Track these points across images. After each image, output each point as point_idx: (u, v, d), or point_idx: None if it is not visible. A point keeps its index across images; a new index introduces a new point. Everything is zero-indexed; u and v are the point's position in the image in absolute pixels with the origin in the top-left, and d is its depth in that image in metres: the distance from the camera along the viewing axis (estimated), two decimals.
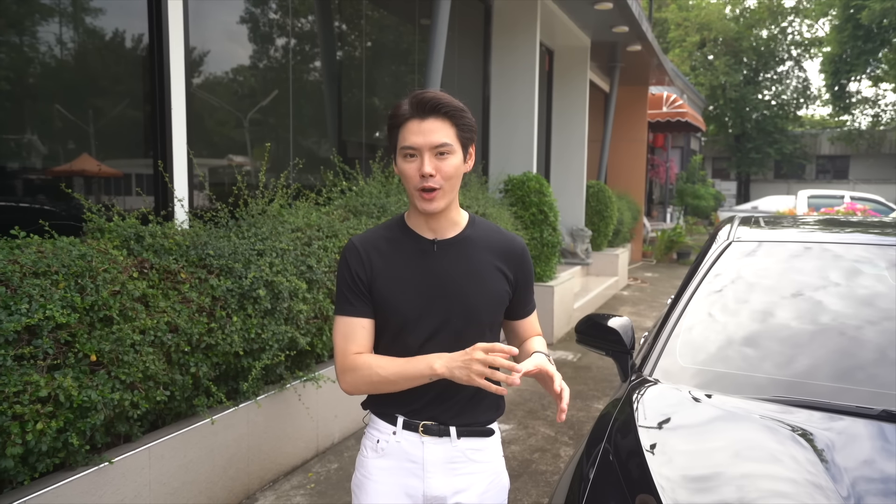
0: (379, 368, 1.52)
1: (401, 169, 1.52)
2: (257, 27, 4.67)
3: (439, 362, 1.45)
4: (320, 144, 5.29)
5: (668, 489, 1.42)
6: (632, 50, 10.59)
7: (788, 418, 1.70)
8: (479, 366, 1.38)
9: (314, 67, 5.25)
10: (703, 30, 28.61)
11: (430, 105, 1.47)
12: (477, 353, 1.39)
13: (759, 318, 2.19)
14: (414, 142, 1.47)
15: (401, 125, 1.50)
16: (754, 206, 18.88)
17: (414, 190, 1.50)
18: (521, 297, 1.66)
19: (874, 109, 29.69)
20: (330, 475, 3.63)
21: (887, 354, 1.91)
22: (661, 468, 1.51)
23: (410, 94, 1.51)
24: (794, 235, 2.64)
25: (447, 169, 1.48)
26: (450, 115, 1.49)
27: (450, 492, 1.60)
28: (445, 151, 1.47)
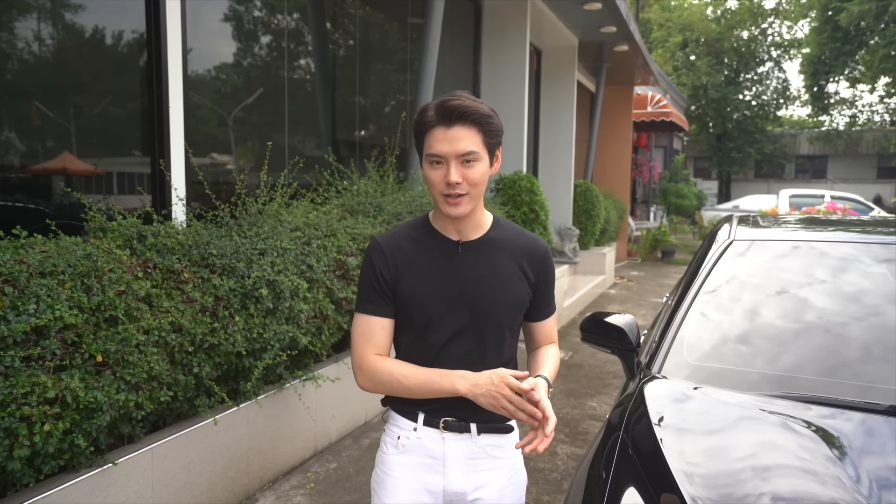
0: (402, 377, 1.54)
1: (427, 175, 1.52)
2: (251, 26, 4.64)
3: (463, 384, 1.48)
4: (314, 144, 5.27)
5: (687, 484, 1.45)
6: (619, 50, 10.68)
7: (800, 414, 1.73)
8: (506, 402, 1.43)
9: (308, 67, 5.23)
10: (686, 30, 28.88)
11: (456, 112, 1.45)
12: (504, 389, 1.44)
13: (765, 315, 2.23)
14: (440, 150, 1.46)
15: (426, 131, 1.49)
16: (735, 206, 19.11)
17: (439, 195, 1.51)
18: (542, 298, 1.68)
19: (852, 110, 30.21)
20: (329, 475, 3.63)
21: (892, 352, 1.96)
22: (680, 463, 1.53)
23: (437, 99, 1.50)
24: (793, 234, 2.70)
25: (473, 176, 1.48)
26: (476, 121, 1.47)
27: (470, 488, 1.61)
28: (472, 159, 1.47)
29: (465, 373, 1.51)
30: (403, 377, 1.53)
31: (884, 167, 31.40)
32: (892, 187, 30.22)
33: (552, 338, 1.75)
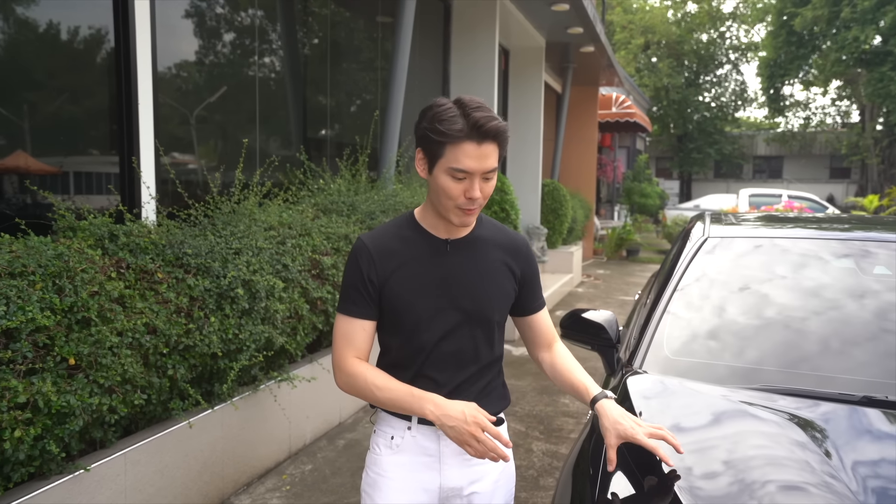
0: (375, 388, 1.52)
1: (443, 185, 1.47)
2: (219, 25, 4.56)
3: (432, 410, 1.46)
4: (285, 143, 5.21)
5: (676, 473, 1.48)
6: (585, 51, 10.80)
7: (777, 405, 1.78)
8: (473, 441, 1.42)
9: (277, 66, 5.17)
10: (648, 33, 29.39)
11: (491, 132, 1.43)
12: (476, 429, 1.42)
13: (741, 309, 2.29)
14: (469, 166, 1.44)
15: (451, 143, 1.44)
16: (696, 205, 19.51)
17: (454, 207, 1.49)
18: (531, 291, 1.69)
19: (806, 112, 31.12)
20: (304, 476, 3.59)
21: (869, 344, 2.03)
22: (668, 454, 1.57)
23: (464, 109, 1.43)
24: (764, 231, 2.77)
25: (489, 190, 1.50)
26: (501, 139, 1.47)
27: (465, 482, 1.62)
28: (492, 175, 1.49)
29: (436, 399, 1.49)
30: (377, 388, 1.52)
31: (836, 167, 32.45)
32: (844, 187, 31.25)
33: (553, 332, 1.75)
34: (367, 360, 1.64)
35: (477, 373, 1.62)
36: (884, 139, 26.50)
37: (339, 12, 6.04)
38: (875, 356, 2.03)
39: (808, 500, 1.38)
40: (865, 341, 2.10)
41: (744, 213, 3.55)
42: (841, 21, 24.08)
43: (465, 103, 1.45)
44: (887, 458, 1.58)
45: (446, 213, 1.52)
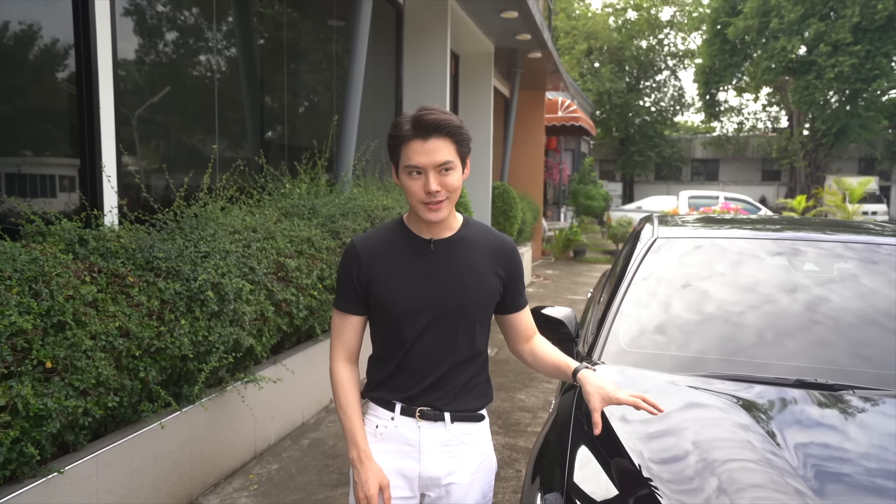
0: (339, 395, 1.74)
1: (405, 185, 1.62)
2: (179, 31, 4.56)
3: (354, 455, 1.69)
4: (244, 147, 5.22)
5: (636, 451, 1.66)
6: (532, 57, 11.09)
7: (722, 389, 1.98)
8: (364, 500, 1.64)
9: (235, 70, 5.18)
10: (590, 38, 30.17)
11: (432, 126, 1.56)
12: (371, 502, 1.64)
13: (690, 303, 2.50)
14: (419, 161, 1.57)
15: (402, 144, 1.59)
16: (639, 206, 20.18)
17: (419, 203, 1.61)
18: (514, 291, 1.81)
19: (739, 117, 32.51)
20: (271, 476, 3.65)
21: (801, 333, 2.26)
22: (628, 434, 1.74)
23: (410, 113, 1.60)
24: (708, 231, 3.00)
25: (451, 183, 1.60)
26: (450, 133, 1.59)
27: (444, 472, 1.74)
28: (448, 167, 1.59)
29: (363, 451, 1.68)
30: (339, 406, 1.73)
31: (768, 170, 34.02)
32: (775, 189, 32.79)
33: (533, 328, 1.88)
34: (357, 354, 1.76)
35: (457, 367, 1.73)
36: (809, 143, 27.96)
37: (294, 17, 6.08)
38: (806, 344, 2.27)
39: (753, 475, 1.57)
40: (797, 331, 2.34)
41: (688, 215, 3.80)
42: (770, 31, 25.30)
43: (416, 109, 1.61)
44: (821, 435, 1.79)
45: (417, 211, 1.65)
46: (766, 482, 1.54)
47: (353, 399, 1.73)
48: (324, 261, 4.20)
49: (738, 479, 1.55)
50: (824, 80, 23.85)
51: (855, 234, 2.87)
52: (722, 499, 1.47)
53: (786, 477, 1.54)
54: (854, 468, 1.64)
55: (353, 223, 4.66)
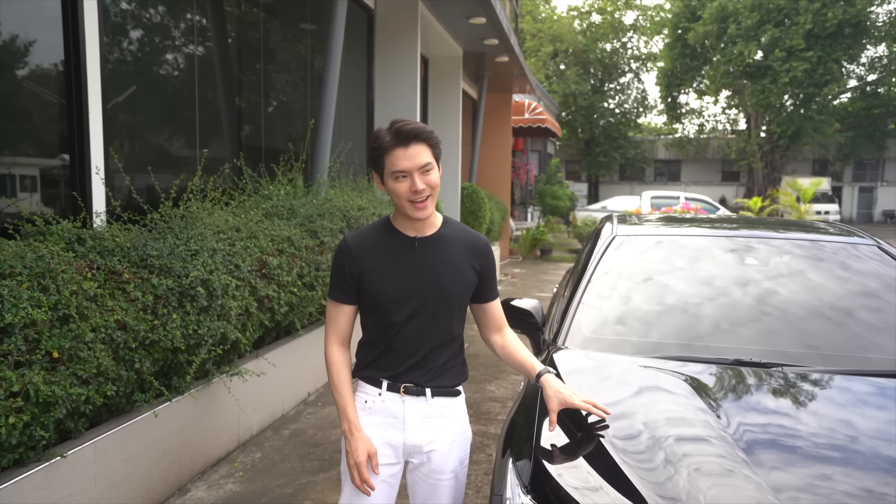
0: (332, 376, 1.95)
1: (392, 188, 1.84)
2: (160, 37, 4.69)
3: (346, 427, 1.90)
4: (224, 150, 5.37)
5: (594, 418, 1.91)
6: (500, 60, 11.38)
7: (669, 367, 2.25)
8: (354, 470, 1.87)
9: (213, 74, 5.32)
10: (556, 41, 30.70)
11: (411, 134, 1.80)
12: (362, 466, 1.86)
13: (645, 294, 2.77)
14: (404, 166, 1.80)
15: (386, 154, 1.82)
16: (603, 206, 20.67)
17: (407, 203, 1.84)
18: (488, 283, 2.04)
19: (700, 119, 33.45)
20: (255, 463, 3.83)
21: (742, 320, 2.55)
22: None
23: (387, 125, 1.84)
24: (663, 229, 3.29)
25: (433, 180, 1.85)
26: (426, 139, 1.83)
27: (425, 441, 1.97)
28: (429, 168, 1.83)
29: (355, 424, 1.90)
30: (333, 385, 1.95)
31: (727, 171, 35.05)
32: (734, 189, 33.80)
33: (503, 319, 2.11)
34: (349, 338, 1.98)
35: (437, 349, 1.97)
36: (766, 145, 28.93)
37: (267, 20, 6.23)
38: (747, 330, 2.56)
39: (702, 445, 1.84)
40: (740, 318, 2.63)
41: (646, 215, 4.09)
42: (728, 37, 26.13)
43: (392, 122, 1.85)
44: (756, 405, 2.08)
45: (404, 210, 1.87)
46: (698, 434, 1.81)
47: (345, 378, 1.95)
48: (303, 259, 4.39)
49: (680, 434, 1.82)
50: (779, 85, 24.74)
51: (797, 232, 3.20)
52: (664, 451, 1.73)
53: (722, 441, 1.80)
54: (784, 435, 1.91)
55: (330, 223, 4.85)
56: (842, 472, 1.73)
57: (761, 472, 1.66)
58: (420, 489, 2.03)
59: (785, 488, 1.61)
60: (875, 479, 1.68)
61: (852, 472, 1.72)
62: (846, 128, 29.96)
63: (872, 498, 1.61)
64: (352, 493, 1.96)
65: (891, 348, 2.44)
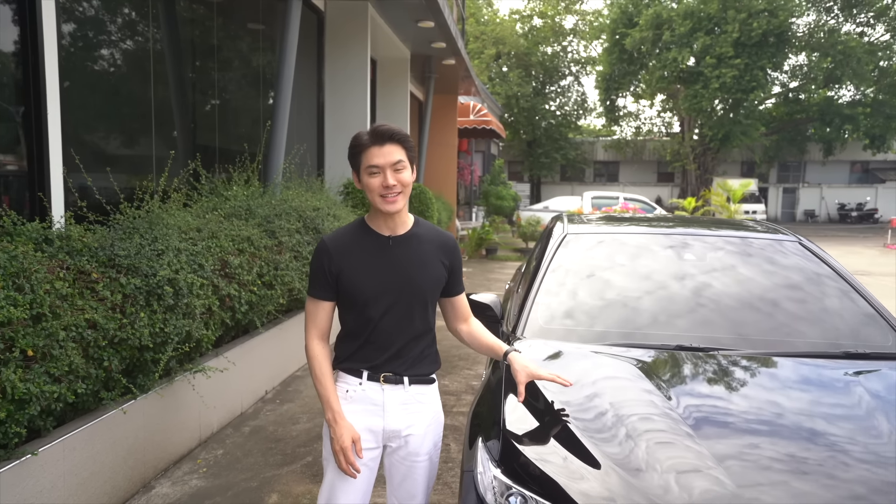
0: (314, 369, 2.08)
1: (366, 182, 2.01)
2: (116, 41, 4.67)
3: (329, 416, 2.02)
4: (179, 151, 5.36)
5: (552, 396, 2.12)
6: (446, 63, 11.59)
7: (619, 352, 2.48)
8: (340, 455, 1.99)
9: (168, 77, 5.31)
10: (499, 44, 31.19)
11: (386, 134, 1.98)
12: (347, 451, 1.98)
13: (595, 287, 3.01)
14: (377, 162, 1.97)
15: (362, 151, 1.99)
16: (546, 206, 21.16)
17: (378, 197, 2.00)
18: (455, 279, 2.21)
19: (637, 122, 34.57)
20: (218, 460, 3.89)
21: (682, 309, 2.81)
22: (546, 385, 2.20)
23: (368, 128, 2.01)
24: (610, 228, 3.55)
25: (404, 178, 2.00)
26: (400, 140, 2.00)
27: (403, 426, 2.12)
28: (401, 167, 1.99)
29: (338, 413, 2.03)
30: (315, 377, 2.08)
31: (662, 172, 36.36)
32: (669, 189, 35.09)
33: (468, 310, 2.28)
34: (328, 333, 2.12)
35: (412, 341, 2.12)
36: (699, 148, 30.19)
37: (220, 21, 6.23)
38: (687, 318, 2.82)
39: (638, 407, 2.06)
40: (680, 307, 2.89)
41: (593, 214, 4.35)
42: (663, 43, 27.15)
43: (371, 126, 2.02)
44: (697, 385, 2.32)
45: (376, 204, 2.03)
46: (647, 411, 2.04)
47: (326, 370, 2.09)
48: (262, 258, 4.47)
49: (632, 411, 2.04)
50: (710, 90, 25.86)
51: (728, 230, 3.50)
52: (620, 425, 1.95)
53: (668, 417, 2.03)
54: (722, 411, 2.15)
55: (287, 223, 4.93)
56: (769, 441, 1.98)
57: (704, 444, 1.89)
58: (397, 471, 2.18)
59: (724, 456, 1.84)
60: (798, 446, 1.94)
61: (778, 441, 1.97)
62: (771, 132, 31.56)
63: (794, 462, 1.86)
64: (334, 477, 2.10)
65: (811, 332, 2.74)
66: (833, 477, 1.79)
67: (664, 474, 1.77)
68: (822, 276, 3.03)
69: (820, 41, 27.84)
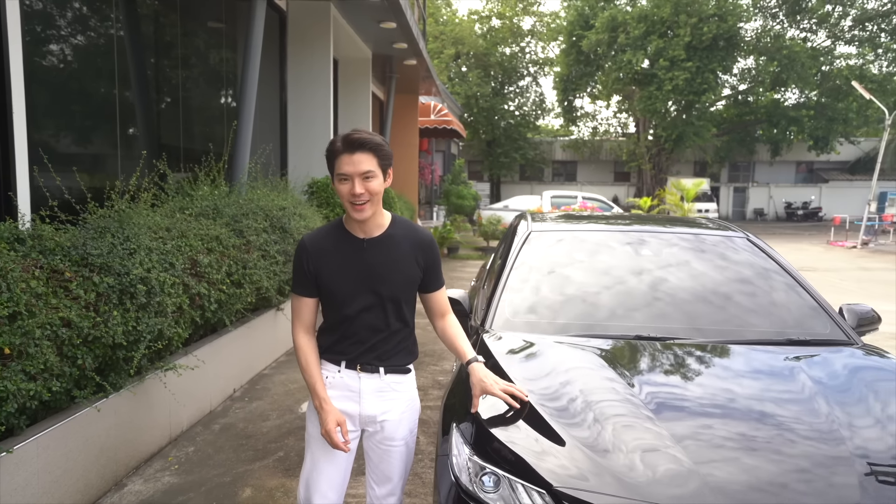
0: (300, 360, 2.20)
1: (338, 188, 2.10)
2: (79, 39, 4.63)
3: (316, 403, 2.15)
4: (146, 150, 5.33)
5: (519, 381, 2.25)
6: (408, 63, 11.67)
7: (582, 342, 2.64)
8: (328, 437, 2.11)
9: (132, 75, 5.28)
10: (458, 44, 31.39)
11: (357, 143, 2.06)
12: (333, 433, 2.10)
13: (559, 282, 3.16)
14: (346, 170, 2.05)
15: (335, 157, 2.08)
16: (506, 205, 21.40)
17: (347, 203, 2.09)
18: (432, 275, 2.30)
19: (594, 122, 35.22)
20: (190, 457, 3.92)
21: (640, 302, 2.98)
22: (515, 374, 2.34)
23: (343, 134, 2.09)
24: (572, 226, 3.71)
25: (373, 187, 2.08)
26: (372, 149, 2.08)
27: (378, 412, 2.23)
28: (370, 176, 2.07)
29: (324, 399, 2.14)
30: (302, 366, 2.19)
31: (619, 172, 37.11)
32: (626, 189, 35.85)
33: (447, 306, 2.38)
34: (314, 326, 2.22)
35: (388, 336, 2.22)
36: (654, 148, 30.95)
37: (184, 23, 6.21)
38: (644, 309, 3.00)
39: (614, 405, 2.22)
40: (637, 300, 3.06)
41: (555, 213, 4.52)
42: (618, 45, 27.74)
43: (348, 131, 2.11)
44: (656, 372, 2.49)
45: (347, 210, 2.13)
46: (611, 397, 2.20)
47: (312, 361, 2.18)
48: (231, 257, 4.50)
49: (597, 397, 2.19)
50: (663, 92, 26.55)
51: (682, 227, 3.70)
52: (585, 408, 2.10)
53: (629, 402, 2.19)
54: (679, 395, 2.32)
55: (254, 222, 4.97)
56: (722, 422, 2.15)
57: (663, 426, 2.05)
58: (374, 454, 2.29)
59: (682, 437, 2.00)
60: (748, 426, 2.11)
61: (730, 422, 2.14)
62: (722, 133, 32.56)
63: (745, 440, 2.03)
64: (314, 458, 2.21)
65: (759, 321, 2.95)
66: (780, 452, 1.96)
67: (629, 454, 1.92)
68: (767, 270, 3.25)
69: (767, 45, 28.87)
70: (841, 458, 1.92)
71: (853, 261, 15.86)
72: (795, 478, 1.85)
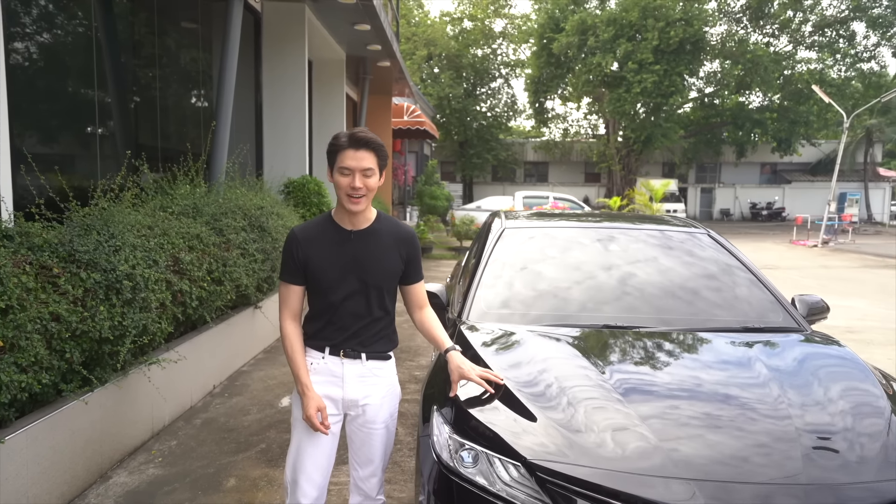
0: (287, 347, 2.33)
1: (337, 180, 2.24)
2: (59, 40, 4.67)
3: (300, 389, 2.28)
4: (126, 150, 5.37)
5: (497, 370, 2.41)
6: (381, 65, 11.79)
7: (555, 332, 2.81)
8: (309, 421, 2.26)
9: (107, 76, 5.32)
10: (430, 45, 31.56)
11: (362, 141, 2.21)
12: (314, 418, 2.24)
13: (532, 276, 3.33)
14: (350, 164, 2.21)
15: (339, 151, 2.22)
16: (478, 206, 21.62)
17: (345, 196, 2.24)
18: (412, 268, 2.45)
19: (565, 124, 35.67)
20: (173, 450, 4.01)
21: (608, 294, 3.17)
22: (492, 362, 2.49)
23: (348, 131, 2.24)
24: (544, 223, 3.89)
25: (370, 184, 2.24)
26: (375, 149, 2.23)
27: (360, 396, 2.37)
28: (370, 173, 2.23)
29: (307, 385, 2.28)
30: (288, 347, 2.33)
31: (590, 172, 37.64)
32: (597, 189, 36.37)
33: (424, 299, 2.52)
34: (300, 314, 2.34)
35: (370, 323, 2.37)
36: (623, 149, 31.48)
37: (160, 23, 6.25)
38: (613, 300, 3.18)
39: (586, 389, 2.38)
40: (606, 292, 3.25)
41: (527, 212, 4.70)
42: (588, 48, 28.18)
43: (352, 130, 2.25)
44: (624, 357, 2.67)
45: (342, 201, 2.27)
46: (583, 383, 2.37)
47: (297, 347, 2.32)
48: (211, 255, 4.59)
49: (570, 382, 2.36)
50: (632, 94, 27.05)
51: (648, 224, 3.90)
52: (558, 391, 2.26)
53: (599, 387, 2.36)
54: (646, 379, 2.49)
55: (233, 221, 5.06)
56: (687, 403, 2.32)
57: (631, 407, 2.22)
58: (356, 437, 2.43)
59: (648, 416, 2.17)
60: (712, 406, 2.29)
61: (695, 403, 2.32)
62: (689, 134, 33.26)
63: (709, 419, 2.20)
64: (300, 440, 2.35)
65: (719, 311, 3.15)
66: (741, 429, 2.13)
67: (601, 433, 2.08)
68: (727, 265, 3.47)
69: (731, 50, 29.60)
70: (787, 434, 2.10)
71: (814, 259, 16.41)
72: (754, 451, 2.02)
